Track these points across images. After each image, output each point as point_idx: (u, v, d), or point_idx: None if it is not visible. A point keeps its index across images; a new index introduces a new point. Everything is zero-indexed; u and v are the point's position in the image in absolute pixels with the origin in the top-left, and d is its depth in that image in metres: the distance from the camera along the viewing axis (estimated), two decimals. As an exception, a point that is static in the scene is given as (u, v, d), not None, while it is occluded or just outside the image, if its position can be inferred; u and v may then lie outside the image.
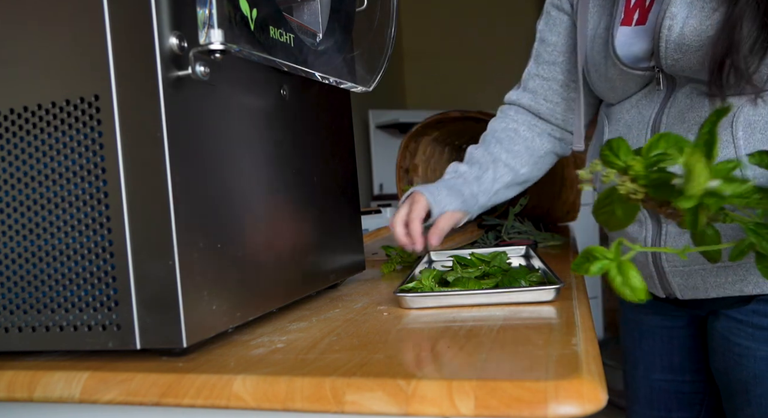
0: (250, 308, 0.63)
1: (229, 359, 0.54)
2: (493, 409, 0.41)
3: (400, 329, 0.61)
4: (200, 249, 0.55)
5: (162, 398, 0.49)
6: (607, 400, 0.42)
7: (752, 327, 0.81)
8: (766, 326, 0.79)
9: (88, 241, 0.54)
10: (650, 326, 1.00)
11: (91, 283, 0.55)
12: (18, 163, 0.57)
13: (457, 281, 0.76)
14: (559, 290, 0.67)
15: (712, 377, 0.94)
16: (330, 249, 0.82)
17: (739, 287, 0.80)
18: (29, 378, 0.54)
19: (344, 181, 0.88)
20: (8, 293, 0.57)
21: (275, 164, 0.69)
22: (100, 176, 0.54)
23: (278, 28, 0.65)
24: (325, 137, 0.83)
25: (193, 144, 0.55)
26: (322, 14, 0.80)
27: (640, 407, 1.03)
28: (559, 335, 0.53)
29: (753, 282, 0.78)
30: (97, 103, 0.53)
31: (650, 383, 1.01)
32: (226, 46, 0.54)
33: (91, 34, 0.53)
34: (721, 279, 0.81)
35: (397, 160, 1.58)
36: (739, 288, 0.80)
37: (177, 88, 0.53)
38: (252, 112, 0.65)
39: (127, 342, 0.54)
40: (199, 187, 0.56)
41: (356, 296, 0.81)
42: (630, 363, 1.05)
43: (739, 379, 0.83)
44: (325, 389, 0.45)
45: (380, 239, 1.41)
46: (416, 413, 0.43)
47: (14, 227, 0.57)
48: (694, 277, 0.83)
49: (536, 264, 0.85)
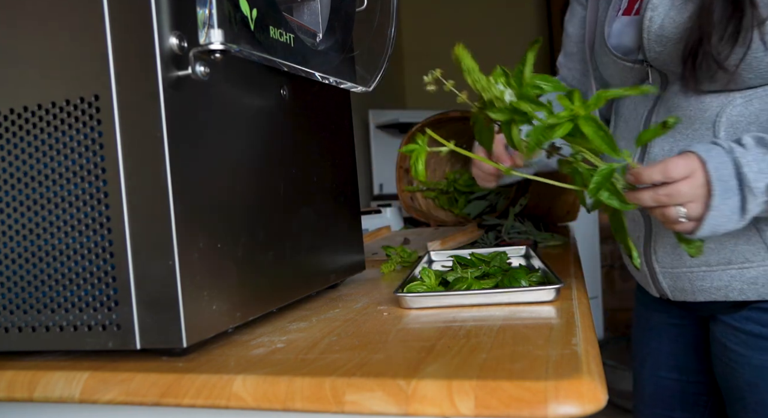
0: (250, 308, 0.63)
1: (229, 359, 0.54)
2: (493, 409, 0.41)
3: (400, 329, 0.61)
4: (200, 249, 0.55)
5: (162, 398, 0.49)
6: (607, 400, 0.42)
7: (746, 334, 0.81)
8: (757, 333, 0.79)
9: (88, 241, 0.54)
10: (658, 323, 1.01)
11: (91, 283, 0.55)
12: (18, 163, 0.57)
13: (457, 281, 0.76)
14: (559, 290, 0.67)
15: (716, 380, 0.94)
16: (330, 249, 0.82)
17: (724, 293, 0.80)
18: (29, 378, 0.54)
19: (344, 181, 0.88)
20: (8, 293, 0.57)
21: (275, 164, 0.69)
22: (100, 176, 0.54)
23: (278, 28, 0.65)
24: (325, 137, 0.83)
25: (193, 144, 0.55)
26: (322, 14, 0.80)
27: (644, 406, 1.03)
28: (559, 335, 0.53)
29: (738, 289, 0.78)
30: (97, 103, 0.53)
31: (656, 380, 1.01)
32: (226, 46, 0.54)
33: (91, 34, 0.53)
34: (707, 284, 0.81)
35: (397, 160, 1.57)
36: (724, 294, 0.80)
37: (177, 88, 0.53)
38: (252, 112, 0.65)
39: (127, 342, 0.54)
40: (199, 187, 0.56)
41: (356, 296, 0.81)
42: (638, 360, 1.05)
43: (736, 385, 0.84)
44: (325, 389, 0.45)
45: (380, 239, 1.41)
46: (416, 413, 0.43)
47: (14, 227, 0.57)
48: (682, 279, 0.83)
49: (536, 264, 0.85)
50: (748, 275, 0.77)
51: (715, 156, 0.64)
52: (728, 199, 0.64)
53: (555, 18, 3.38)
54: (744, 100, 0.72)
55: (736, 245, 0.77)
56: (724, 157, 0.64)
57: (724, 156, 0.64)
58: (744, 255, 0.77)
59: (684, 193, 0.64)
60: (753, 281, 0.77)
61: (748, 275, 0.77)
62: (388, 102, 2.98)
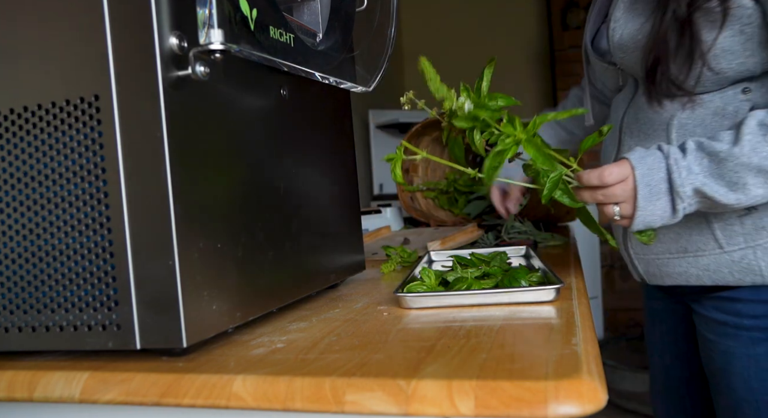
0: (250, 308, 0.63)
1: (229, 359, 0.54)
2: (493, 409, 0.41)
3: (400, 329, 0.61)
4: (200, 249, 0.55)
5: (162, 398, 0.49)
6: (607, 400, 0.42)
7: (715, 322, 0.89)
8: (723, 321, 0.87)
9: (88, 241, 0.54)
10: (659, 311, 1.07)
11: (91, 283, 0.55)
12: (18, 163, 0.57)
13: (457, 281, 0.76)
14: (559, 290, 0.67)
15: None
16: (330, 249, 0.82)
17: (684, 278, 0.88)
18: (29, 378, 0.54)
19: (344, 181, 0.88)
20: (8, 293, 0.57)
21: (275, 164, 0.69)
22: (100, 176, 0.54)
23: (278, 28, 0.65)
24: (325, 137, 0.83)
25: (193, 144, 0.55)
26: (322, 14, 0.80)
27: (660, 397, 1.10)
28: (559, 335, 0.53)
29: (695, 275, 0.87)
30: (97, 103, 0.53)
31: (665, 370, 1.08)
32: (226, 46, 0.54)
33: (91, 34, 0.53)
34: (670, 269, 0.89)
35: (397, 160, 1.57)
36: (684, 279, 0.88)
37: (177, 88, 0.53)
38: (252, 112, 0.65)
39: (127, 342, 0.54)
40: (199, 187, 0.56)
41: (356, 296, 0.81)
42: (649, 351, 1.12)
43: (711, 371, 0.92)
44: (325, 389, 0.45)
45: (380, 239, 1.41)
46: (416, 413, 0.43)
47: (14, 227, 0.57)
48: (652, 265, 0.92)
49: (536, 264, 0.85)
50: (702, 263, 0.85)
51: (647, 162, 0.73)
52: (657, 200, 0.73)
53: (555, 18, 3.37)
54: (691, 105, 0.81)
55: (690, 236, 0.85)
56: (659, 163, 0.73)
57: (660, 162, 0.73)
58: (697, 244, 0.85)
59: (617, 195, 0.74)
60: (706, 267, 0.85)
61: (702, 263, 0.85)
62: (388, 102, 2.98)
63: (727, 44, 0.75)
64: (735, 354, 0.86)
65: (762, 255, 0.81)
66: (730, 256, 0.83)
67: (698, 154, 0.72)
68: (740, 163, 0.70)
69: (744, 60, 0.76)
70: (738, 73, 0.77)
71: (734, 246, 0.82)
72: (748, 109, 0.78)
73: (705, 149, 0.72)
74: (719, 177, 0.71)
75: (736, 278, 0.83)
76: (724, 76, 0.78)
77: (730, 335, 0.87)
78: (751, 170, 0.70)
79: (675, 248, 0.87)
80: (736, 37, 0.75)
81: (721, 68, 0.77)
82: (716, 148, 0.71)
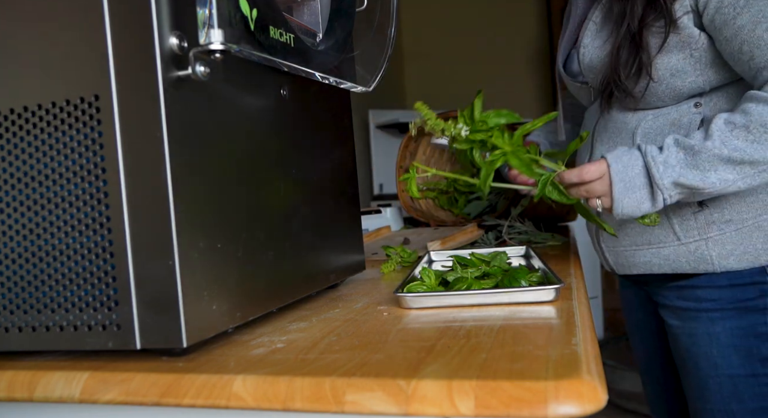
0: (250, 308, 0.63)
1: (229, 359, 0.54)
2: (493, 409, 0.41)
3: (400, 329, 0.61)
4: (200, 249, 0.55)
5: (162, 398, 0.49)
6: (607, 400, 0.42)
7: (680, 310, 1.00)
8: (685, 307, 0.99)
9: (88, 241, 0.54)
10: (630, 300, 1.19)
11: (91, 283, 0.55)
12: (18, 163, 0.57)
13: (457, 281, 0.76)
14: (559, 290, 0.67)
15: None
16: (330, 249, 0.82)
17: (649, 267, 1.00)
18: (29, 378, 0.54)
19: (344, 181, 0.88)
20: (8, 293, 0.57)
21: (275, 164, 0.69)
22: (100, 176, 0.54)
23: (278, 28, 0.65)
24: (325, 137, 0.83)
25: (193, 144, 0.55)
26: (322, 14, 0.80)
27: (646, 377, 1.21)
28: (559, 335, 0.53)
29: (657, 264, 0.98)
30: (97, 103, 0.53)
31: (646, 348, 1.18)
32: (226, 46, 0.54)
33: (92, 34, 0.53)
34: (637, 260, 1.01)
35: (397, 160, 1.57)
36: (649, 268, 1.00)
37: (177, 88, 0.53)
38: (252, 112, 0.65)
39: (127, 342, 0.54)
40: (199, 186, 0.56)
41: (356, 296, 0.81)
42: (629, 334, 1.23)
43: (679, 354, 1.02)
44: (325, 389, 0.45)
45: (380, 239, 1.41)
46: (416, 413, 0.43)
47: (14, 227, 0.57)
48: (620, 256, 1.03)
49: (536, 264, 0.85)
50: (663, 253, 0.97)
51: (623, 161, 0.84)
52: (632, 193, 0.83)
53: (555, 18, 3.37)
54: (654, 116, 0.94)
55: (653, 230, 0.97)
56: (636, 161, 0.84)
57: (636, 160, 0.84)
58: (659, 237, 0.97)
59: (597, 190, 0.85)
60: (666, 257, 0.97)
61: (663, 253, 0.97)
62: (388, 102, 2.98)
63: (681, 65, 0.89)
64: (697, 334, 0.97)
65: (713, 246, 0.93)
66: (686, 247, 0.95)
67: (674, 148, 0.83)
68: (712, 154, 0.80)
69: (695, 78, 0.89)
70: (690, 90, 0.90)
71: (690, 238, 0.94)
72: (699, 121, 0.91)
73: (681, 144, 0.83)
74: (694, 167, 0.81)
75: (692, 266, 0.95)
76: (678, 92, 0.91)
77: (692, 318, 0.98)
78: (722, 160, 0.80)
79: (641, 241, 0.99)
80: (687, 59, 0.88)
81: (676, 86, 0.90)
82: (690, 142, 0.82)
